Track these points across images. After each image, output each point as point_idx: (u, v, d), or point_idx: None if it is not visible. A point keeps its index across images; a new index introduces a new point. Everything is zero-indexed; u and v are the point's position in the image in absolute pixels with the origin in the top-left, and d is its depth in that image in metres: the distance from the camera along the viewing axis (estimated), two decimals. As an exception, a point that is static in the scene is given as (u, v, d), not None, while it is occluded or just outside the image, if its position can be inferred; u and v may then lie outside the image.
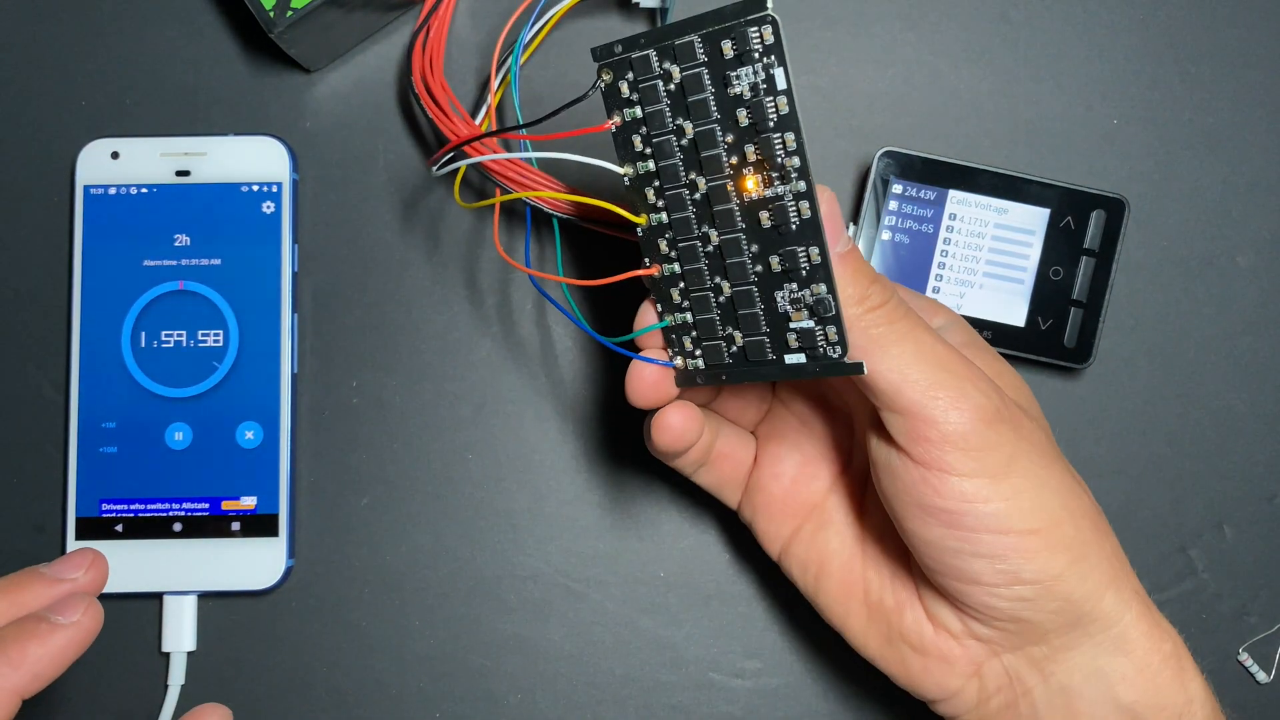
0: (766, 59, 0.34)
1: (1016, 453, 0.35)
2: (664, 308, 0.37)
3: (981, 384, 0.35)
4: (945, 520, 0.35)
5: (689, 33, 0.34)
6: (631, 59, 0.36)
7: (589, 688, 0.47)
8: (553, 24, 0.45)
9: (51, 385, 0.47)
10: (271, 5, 0.43)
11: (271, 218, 0.46)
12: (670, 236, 0.37)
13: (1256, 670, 0.47)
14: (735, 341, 0.37)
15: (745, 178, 0.35)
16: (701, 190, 0.36)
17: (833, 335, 0.35)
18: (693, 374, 0.38)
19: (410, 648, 0.47)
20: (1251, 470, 0.47)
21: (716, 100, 0.35)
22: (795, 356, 0.35)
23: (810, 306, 0.35)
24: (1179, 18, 0.48)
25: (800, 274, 0.35)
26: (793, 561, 0.42)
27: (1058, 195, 0.46)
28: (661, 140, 0.36)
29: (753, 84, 0.34)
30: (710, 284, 0.36)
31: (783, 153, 0.34)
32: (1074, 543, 0.35)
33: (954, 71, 0.48)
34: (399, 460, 0.47)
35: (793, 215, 0.34)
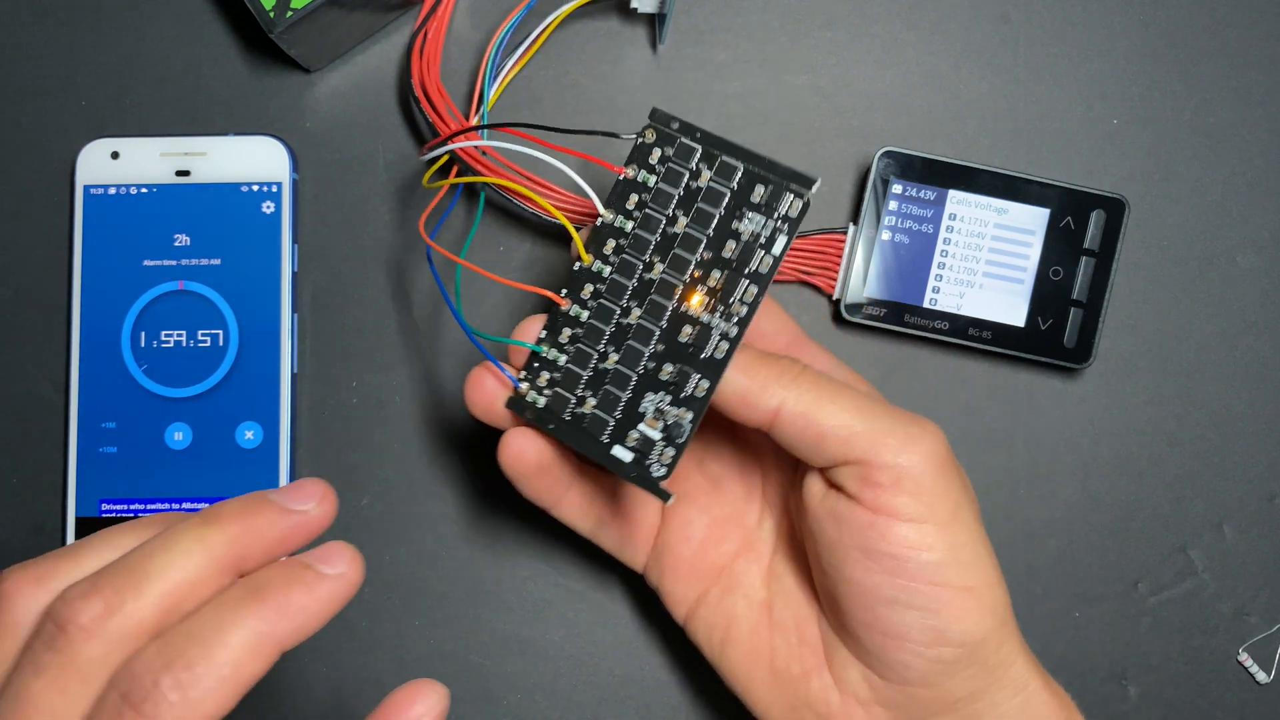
0: (780, 223, 0.36)
1: (962, 502, 0.36)
2: (548, 337, 0.38)
3: (931, 427, 0.36)
4: (887, 567, 0.35)
5: (737, 157, 0.37)
6: (679, 141, 0.37)
7: (589, 688, 0.47)
8: (554, 26, 0.46)
9: (51, 385, 0.47)
10: (271, 5, 0.43)
11: (271, 218, 0.46)
12: (599, 289, 0.38)
13: (1256, 670, 0.47)
14: (585, 407, 0.37)
15: (695, 292, 0.37)
16: (654, 275, 0.37)
17: (668, 456, 0.36)
18: (526, 405, 0.38)
19: (410, 648, 0.47)
20: (1251, 470, 0.47)
21: (719, 221, 0.37)
22: (624, 452, 0.37)
23: (668, 424, 0.36)
24: (1179, 18, 0.48)
25: (680, 393, 0.36)
26: (699, 625, 0.41)
27: (1058, 195, 0.46)
28: (653, 215, 0.37)
29: (755, 232, 0.36)
30: (601, 348, 0.37)
31: (739, 298, 0.36)
32: (1000, 608, 0.36)
33: (954, 72, 0.48)
34: (399, 460, 0.47)
35: (709, 347, 0.36)
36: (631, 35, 0.48)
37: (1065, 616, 0.47)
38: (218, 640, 0.28)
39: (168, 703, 0.27)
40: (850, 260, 0.46)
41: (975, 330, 0.46)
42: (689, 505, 0.42)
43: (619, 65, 0.48)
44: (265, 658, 0.29)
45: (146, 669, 0.28)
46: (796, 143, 0.48)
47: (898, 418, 0.36)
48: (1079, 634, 0.47)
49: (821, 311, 0.47)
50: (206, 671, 0.28)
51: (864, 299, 0.46)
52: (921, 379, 0.47)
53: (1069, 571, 0.47)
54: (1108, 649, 0.47)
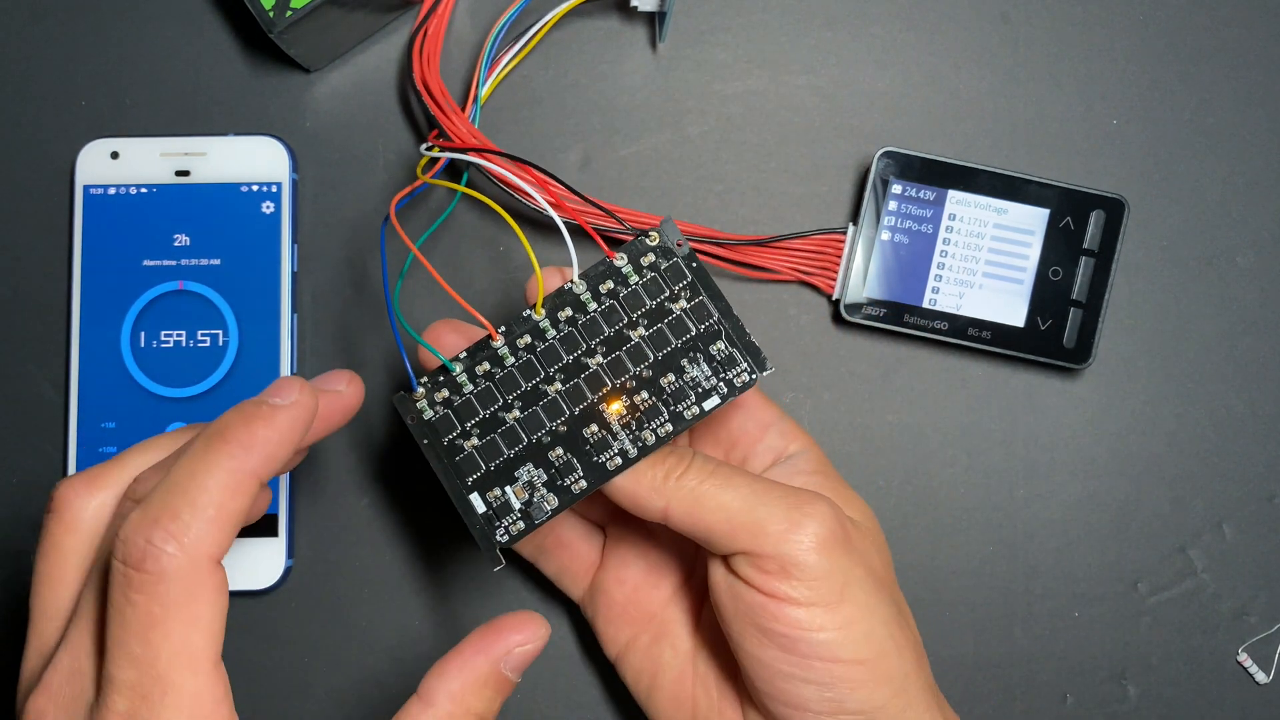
0: (722, 386, 0.37)
1: (850, 580, 0.36)
2: (466, 360, 0.37)
3: (816, 510, 0.36)
4: (781, 644, 0.36)
5: (717, 307, 0.37)
6: (676, 261, 0.37)
7: (590, 687, 0.47)
8: (551, 24, 0.46)
9: (51, 385, 0.47)
10: (271, 5, 0.43)
11: (271, 218, 0.46)
12: (535, 345, 0.37)
13: (1256, 670, 0.47)
14: (466, 442, 0.37)
15: (619, 400, 0.36)
16: (591, 364, 0.37)
17: (516, 529, 0.36)
18: (412, 410, 0.37)
19: (410, 648, 0.47)
20: (1251, 470, 0.47)
21: (672, 351, 0.37)
22: (479, 503, 0.36)
23: (532, 501, 0.36)
24: (1179, 18, 0.48)
25: (557, 480, 0.36)
26: (627, 668, 0.42)
27: (1057, 195, 0.46)
28: (619, 311, 0.37)
29: (698, 381, 0.37)
30: (508, 400, 0.37)
31: (653, 429, 0.36)
32: (897, 674, 0.36)
33: (954, 72, 0.48)
34: (399, 460, 0.47)
35: (604, 455, 0.36)
36: (631, 35, 0.48)
37: (1065, 616, 0.47)
38: (196, 486, 0.30)
39: (166, 554, 0.30)
40: (850, 260, 0.46)
41: (975, 330, 0.46)
42: (628, 548, 0.43)
43: (619, 65, 0.48)
44: (245, 492, 0.31)
45: (139, 532, 0.30)
46: (796, 143, 0.48)
47: (782, 505, 0.36)
48: (1079, 634, 0.47)
49: (821, 311, 0.47)
50: (193, 517, 0.30)
51: (864, 299, 0.46)
52: (921, 379, 0.47)
53: (1069, 571, 0.47)
54: (1107, 649, 0.47)
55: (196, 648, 0.30)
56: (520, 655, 0.35)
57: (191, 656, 0.30)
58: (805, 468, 0.40)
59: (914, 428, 0.47)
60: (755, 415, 0.41)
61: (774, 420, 0.41)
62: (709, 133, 0.48)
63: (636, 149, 0.48)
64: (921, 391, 0.47)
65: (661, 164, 0.48)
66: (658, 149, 0.48)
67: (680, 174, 0.48)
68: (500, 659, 0.35)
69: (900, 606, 0.39)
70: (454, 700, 0.34)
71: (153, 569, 0.30)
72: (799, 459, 0.40)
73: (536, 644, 0.35)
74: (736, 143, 0.48)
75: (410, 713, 0.34)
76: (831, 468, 0.41)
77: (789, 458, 0.41)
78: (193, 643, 0.30)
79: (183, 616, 0.30)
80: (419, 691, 0.34)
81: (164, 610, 0.30)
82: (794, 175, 0.48)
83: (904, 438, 0.47)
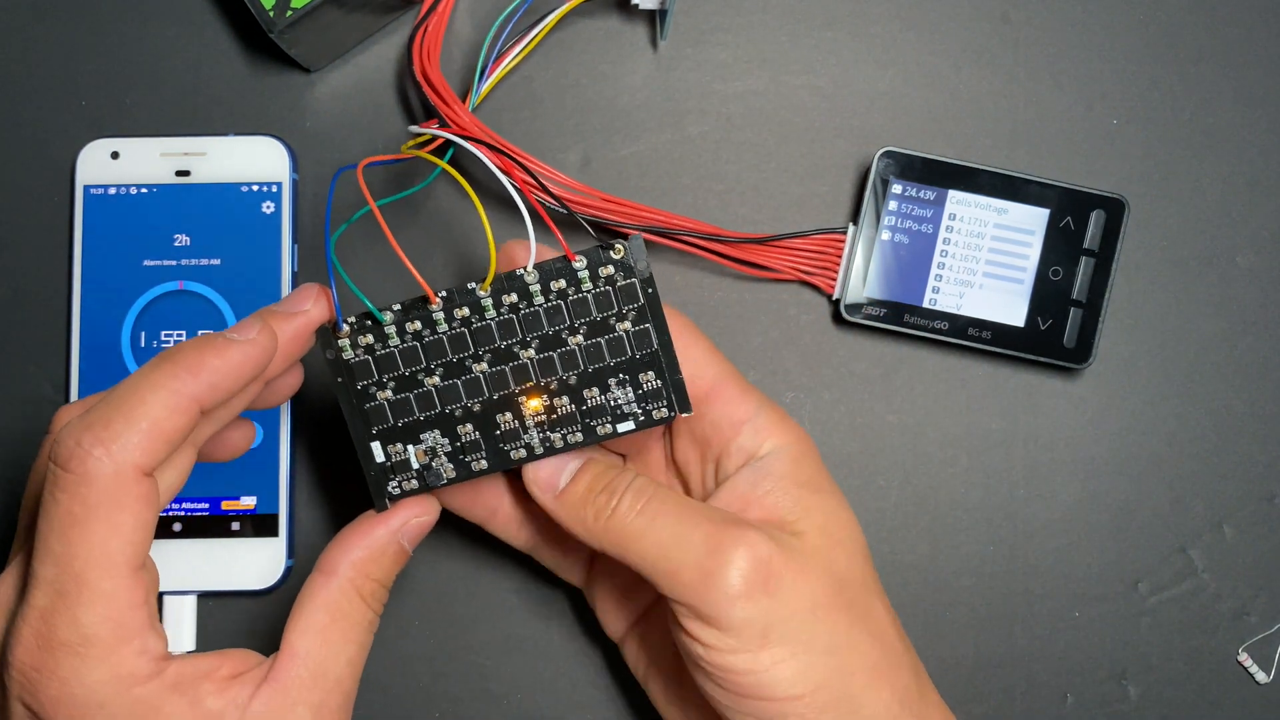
0: (640, 414, 0.37)
1: (772, 622, 0.35)
2: (398, 314, 0.36)
3: (733, 555, 0.35)
4: (717, 682, 0.36)
5: (659, 340, 0.37)
6: (634, 283, 0.36)
7: (590, 687, 0.47)
8: (553, 24, 0.46)
9: (51, 385, 0.47)
10: (271, 5, 0.43)
11: (271, 218, 0.46)
12: (471, 322, 0.36)
13: (1256, 670, 0.47)
14: (380, 393, 0.37)
15: (539, 397, 0.37)
16: (522, 358, 0.36)
17: (409, 486, 0.37)
18: (333, 345, 0.37)
19: (410, 647, 0.47)
20: (1251, 470, 0.47)
21: (604, 369, 0.37)
22: (379, 451, 0.37)
23: (430, 467, 0.37)
24: (1179, 18, 0.48)
25: (460, 455, 0.37)
26: (627, 653, 0.43)
27: (1057, 195, 0.46)
28: (563, 313, 0.36)
29: (619, 403, 0.37)
30: (431, 366, 0.36)
31: (563, 435, 0.37)
32: (842, 699, 0.36)
33: (954, 72, 0.48)
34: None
35: (508, 444, 0.37)
36: (632, 35, 0.48)
37: (1065, 616, 0.47)
38: (134, 400, 0.32)
39: (92, 458, 0.31)
40: (850, 260, 0.46)
41: (975, 330, 0.46)
42: None
43: (619, 65, 0.48)
44: (183, 413, 0.32)
45: (70, 434, 0.32)
46: (796, 143, 0.48)
47: (699, 550, 0.35)
48: (1079, 634, 0.47)
49: (821, 311, 0.47)
50: (125, 427, 0.32)
51: (864, 299, 0.46)
52: (921, 379, 0.47)
53: (1069, 571, 0.47)
54: (1108, 649, 0.47)
55: (114, 551, 0.32)
56: (416, 526, 0.37)
57: (109, 559, 0.31)
58: (774, 470, 0.38)
59: (914, 428, 0.47)
60: (729, 411, 0.39)
61: (750, 415, 0.39)
62: (709, 132, 0.48)
63: (637, 149, 0.48)
64: (921, 391, 0.47)
65: (662, 164, 0.48)
66: (658, 149, 0.48)
67: (680, 174, 0.48)
68: (398, 530, 0.37)
69: (868, 614, 0.38)
70: (355, 568, 0.36)
71: (77, 470, 0.31)
72: (769, 460, 0.39)
73: (430, 516, 0.38)
74: (737, 142, 0.48)
75: (314, 585, 0.36)
76: (808, 464, 0.39)
77: (759, 459, 0.39)
78: (111, 546, 0.31)
79: (103, 519, 0.31)
80: (318, 566, 0.36)
81: (85, 511, 0.31)
82: (794, 175, 0.48)
83: (904, 438, 0.47)
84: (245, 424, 0.39)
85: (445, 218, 0.48)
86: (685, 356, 0.38)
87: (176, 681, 0.33)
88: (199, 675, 0.33)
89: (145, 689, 0.32)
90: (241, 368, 0.34)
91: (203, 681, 0.33)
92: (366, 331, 0.37)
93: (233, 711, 0.33)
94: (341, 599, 0.36)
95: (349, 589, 0.36)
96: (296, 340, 0.36)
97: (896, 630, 0.38)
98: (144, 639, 0.32)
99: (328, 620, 0.35)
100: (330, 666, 0.35)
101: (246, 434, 0.39)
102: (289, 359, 0.36)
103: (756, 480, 0.38)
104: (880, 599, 0.38)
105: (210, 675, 0.34)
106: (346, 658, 0.35)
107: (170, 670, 0.33)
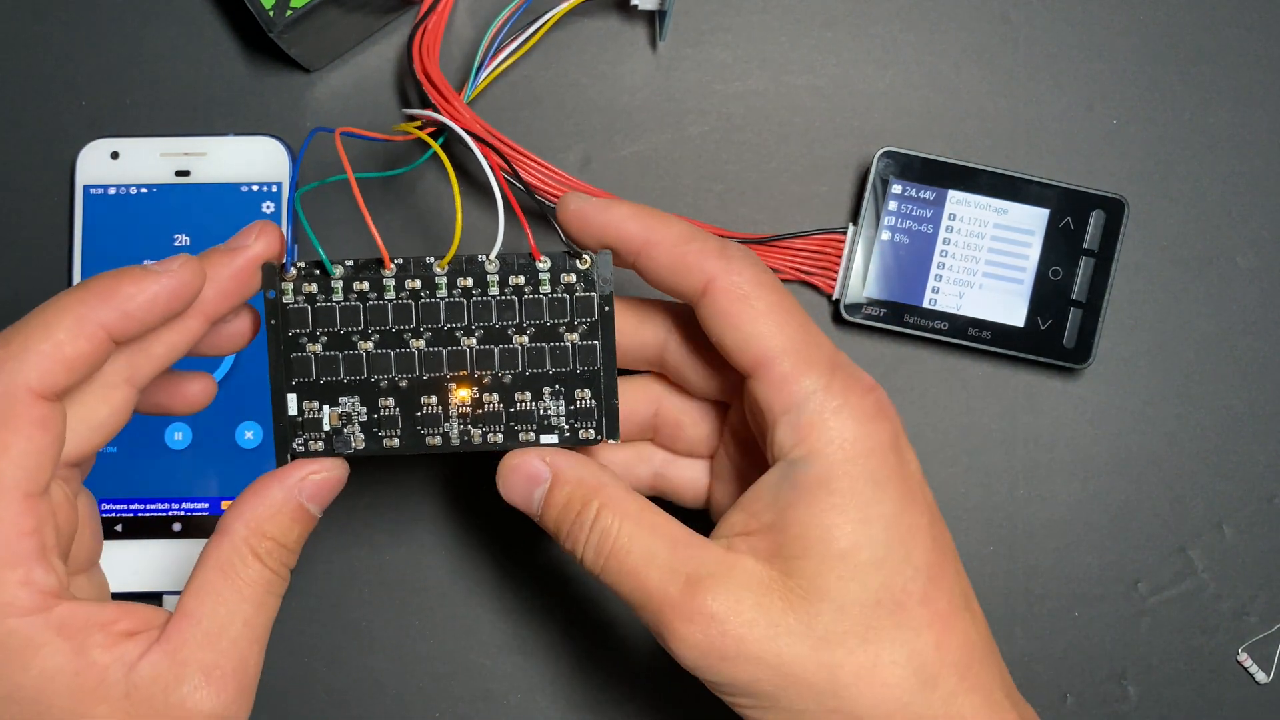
0: (565, 428, 0.36)
1: (735, 680, 0.34)
2: (349, 270, 0.35)
3: (684, 628, 0.33)
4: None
5: (604, 361, 0.36)
6: (595, 299, 0.36)
7: (590, 687, 0.47)
8: (552, 22, 0.46)
9: (51, 385, 0.47)
10: (271, 5, 0.43)
11: (271, 218, 0.46)
12: (420, 295, 0.35)
13: (1256, 670, 0.47)
14: (309, 346, 0.35)
15: (469, 388, 0.36)
16: (462, 345, 0.35)
17: (314, 446, 0.36)
18: (276, 284, 0.35)
19: (410, 647, 0.47)
20: (1251, 470, 0.47)
21: (541, 375, 0.36)
22: (294, 406, 0.35)
23: (338, 432, 0.36)
24: (1179, 18, 0.48)
25: (373, 428, 0.36)
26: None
27: (1057, 195, 0.46)
28: (512, 306, 0.36)
29: (548, 414, 0.36)
30: (368, 331, 0.35)
31: (483, 434, 0.36)
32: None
33: (954, 72, 0.48)
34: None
35: (425, 428, 0.36)
36: (632, 35, 0.48)
37: (1065, 616, 0.47)
38: (38, 322, 0.31)
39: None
40: (850, 260, 0.46)
41: (975, 330, 0.46)
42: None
43: (619, 65, 0.48)
44: (88, 339, 0.31)
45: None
46: (796, 143, 0.48)
47: (655, 611, 0.34)
48: (1079, 634, 0.47)
49: (821, 311, 0.47)
50: (22, 348, 0.31)
51: (864, 299, 0.46)
52: (921, 379, 0.47)
53: (1068, 571, 0.47)
54: (1107, 649, 0.47)
55: (3, 474, 0.30)
56: (315, 483, 0.35)
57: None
58: (800, 482, 0.34)
59: (914, 428, 0.47)
60: (771, 397, 0.34)
61: (791, 407, 0.34)
62: (709, 133, 0.48)
63: (637, 149, 0.48)
64: (921, 391, 0.47)
65: (662, 164, 0.48)
66: (658, 149, 0.48)
67: (680, 174, 0.48)
68: (295, 487, 0.34)
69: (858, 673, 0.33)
70: (248, 526, 0.34)
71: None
72: (798, 468, 0.34)
73: (331, 474, 0.35)
74: (737, 143, 0.48)
75: (208, 546, 0.34)
76: (845, 481, 0.33)
77: (790, 461, 0.34)
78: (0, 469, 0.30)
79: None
80: (218, 527, 0.34)
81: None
82: (794, 175, 0.48)
83: (904, 438, 0.47)
84: (201, 376, 0.37)
85: (432, 206, 0.48)
86: (745, 315, 0.34)
87: (63, 623, 0.31)
88: (91, 623, 0.31)
89: (23, 622, 0.30)
90: (157, 298, 0.32)
91: (94, 631, 0.31)
92: (313, 280, 0.35)
93: (118, 668, 0.31)
94: (234, 557, 0.33)
95: (241, 547, 0.34)
96: (237, 278, 0.34)
97: (915, 688, 0.33)
98: (29, 569, 0.30)
99: (220, 579, 0.33)
100: (225, 627, 0.33)
101: (203, 387, 0.37)
102: (229, 297, 0.34)
103: (779, 490, 0.34)
104: (897, 643, 0.33)
105: (105, 626, 0.31)
106: (243, 618, 0.33)
107: (59, 610, 0.31)
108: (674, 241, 0.35)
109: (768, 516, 0.34)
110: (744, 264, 0.35)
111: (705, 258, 0.34)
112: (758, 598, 0.33)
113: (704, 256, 0.34)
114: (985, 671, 0.34)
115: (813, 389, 0.34)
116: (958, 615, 0.34)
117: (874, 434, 0.34)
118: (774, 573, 0.33)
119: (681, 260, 0.34)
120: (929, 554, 0.34)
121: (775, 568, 0.33)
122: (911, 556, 0.34)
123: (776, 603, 0.33)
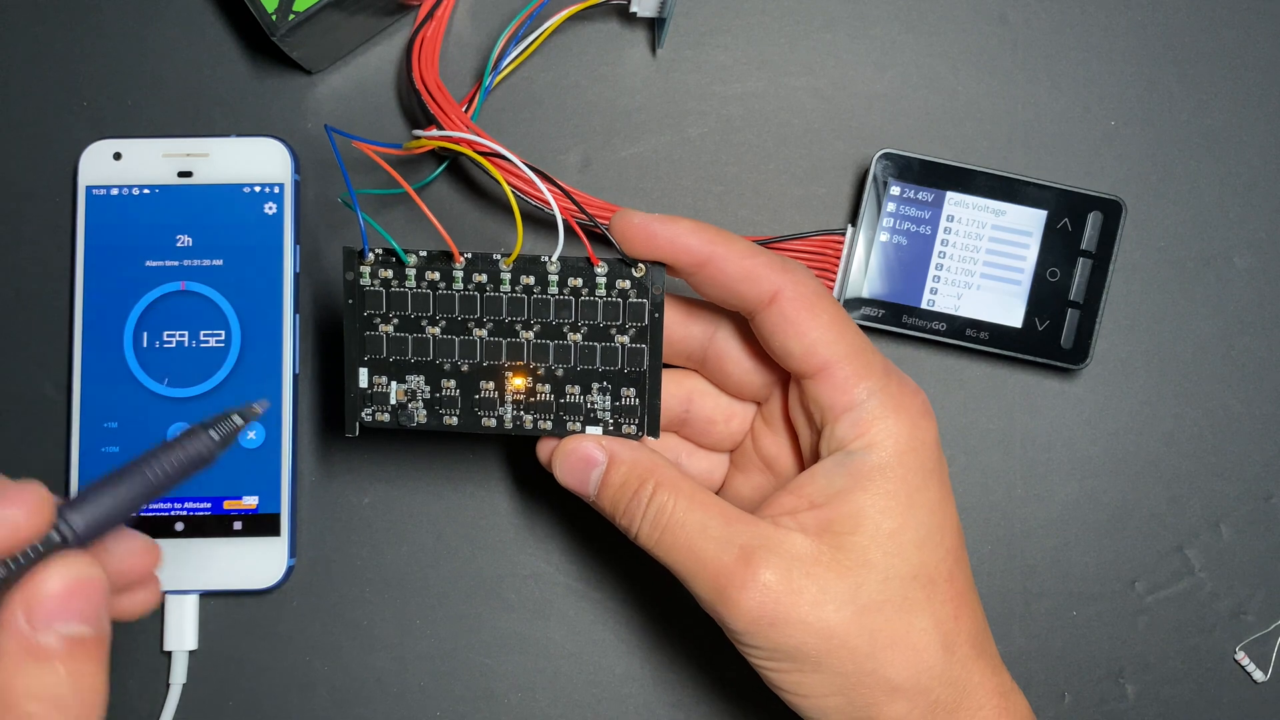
0: (609, 423, 0.38)
1: (782, 647, 0.36)
2: (422, 260, 0.38)
3: (738, 595, 0.36)
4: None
5: (650, 362, 0.38)
6: (647, 305, 0.38)
7: (590, 686, 0.47)
8: (551, 30, 0.46)
9: (54, 385, 0.47)
10: (273, 8, 0.43)
11: (273, 218, 0.47)
12: (485, 288, 0.38)
13: (1253, 669, 0.47)
14: (380, 326, 0.38)
15: (525, 376, 0.38)
16: (521, 338, 0.38)
17: (380, 420, 0.38)
18: (354, 268, 0.38)
19: (411, 646, 0.47)
20: (1248, 470, 0.47)
21: (591, 371, 0.38)
22: (365, 379, 0.38)
23: (406, 408, 0.39)
24: (1177, 19, 0.48)
25: (435, 406, 0.39)
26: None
27: (1055, 197, 0.46)
28: (568, 305, 0.38)
29: (595, 407, 0.38)
30: (437, 317, 0.38)
31: (534, 415, 0.38)
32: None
33: (952, 74, 0.48)
34: (400, 459, 0.47)
35: (477, 405, 0.38)
36: (631, 38, 0.48)
37: (1063, 615, 0.47)
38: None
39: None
40: (849, 261, 0.46)
41: (973, 331, 0.46)
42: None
43: (619, 68, 0.48)
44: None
45: None
46: (796, 144, 0.48)
47: (711, 582, 0.36)
48: (1076, 633, 0.47)
49: (820, 312, 0.47)
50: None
51: (862, 299, 0.46)
52: (919, 380, 0.47)
53: (1066, 571, 0.47)
54: (1105, 648, 0.47)
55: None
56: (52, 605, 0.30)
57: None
58: (858, 470, 0.37)
59: (912, 428, 0.47)
60: (834, 397, 0.37)
61: (854, 405, 0.37)
62: (709, 134, 0.48)
63: (637, 150, 0.48)
64: (920, 392, 0.47)
65: (661, 165, 0.48)
66: (658, 150, 0.48)
67: (680, 175, 0.48)
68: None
69: (894, 640, 0.36)
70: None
71: None
72: (857, 458, 0.37)
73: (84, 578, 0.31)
74: (736, 144, 0.48)
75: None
76: (897, 471, 0.37)
77: (849, 452, 0.37)
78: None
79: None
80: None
81: None
82: (793, 177, 0.48)
83: (902, 438, 0.47)
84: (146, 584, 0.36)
85: (446, 209, 0.48)
86: (810, 324, 0.37)
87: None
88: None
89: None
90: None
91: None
92: (389, 267, 0.38)
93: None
94: None
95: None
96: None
97: (939, 652, 0.37)
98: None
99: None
100: None
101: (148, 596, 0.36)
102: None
103: (833, 475, 0.37)
104: (926, 613, 0.37)
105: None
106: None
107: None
108: (741, 255, 0.37)
109: (820, 498, 0.37)
110: (807, 276, 0.38)
111: (772, 270, 0.37)
112: (807, 568, 0.36)
113: (771, 269, 0.37)
114: (987, 642, 0.38)
115: (872, 390, 0.37)
116: (970, 593, 0.38)
117: (923, 431, 0.38)
118: (822, 546, 0.36)
119: (751, 272, 0.37)
120: (956, 539, 0.38)
121: (825, 542, 0.36)
122: (945, 540, 0.37)
123: (825, 573, 0.36)
